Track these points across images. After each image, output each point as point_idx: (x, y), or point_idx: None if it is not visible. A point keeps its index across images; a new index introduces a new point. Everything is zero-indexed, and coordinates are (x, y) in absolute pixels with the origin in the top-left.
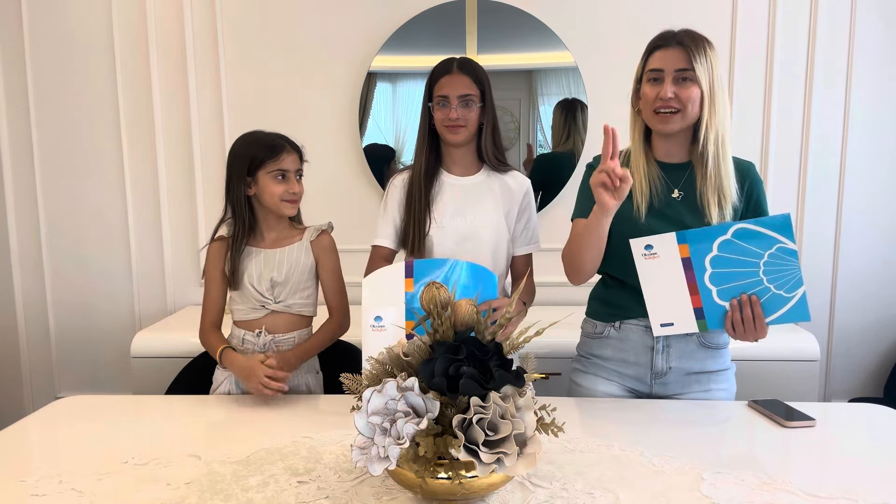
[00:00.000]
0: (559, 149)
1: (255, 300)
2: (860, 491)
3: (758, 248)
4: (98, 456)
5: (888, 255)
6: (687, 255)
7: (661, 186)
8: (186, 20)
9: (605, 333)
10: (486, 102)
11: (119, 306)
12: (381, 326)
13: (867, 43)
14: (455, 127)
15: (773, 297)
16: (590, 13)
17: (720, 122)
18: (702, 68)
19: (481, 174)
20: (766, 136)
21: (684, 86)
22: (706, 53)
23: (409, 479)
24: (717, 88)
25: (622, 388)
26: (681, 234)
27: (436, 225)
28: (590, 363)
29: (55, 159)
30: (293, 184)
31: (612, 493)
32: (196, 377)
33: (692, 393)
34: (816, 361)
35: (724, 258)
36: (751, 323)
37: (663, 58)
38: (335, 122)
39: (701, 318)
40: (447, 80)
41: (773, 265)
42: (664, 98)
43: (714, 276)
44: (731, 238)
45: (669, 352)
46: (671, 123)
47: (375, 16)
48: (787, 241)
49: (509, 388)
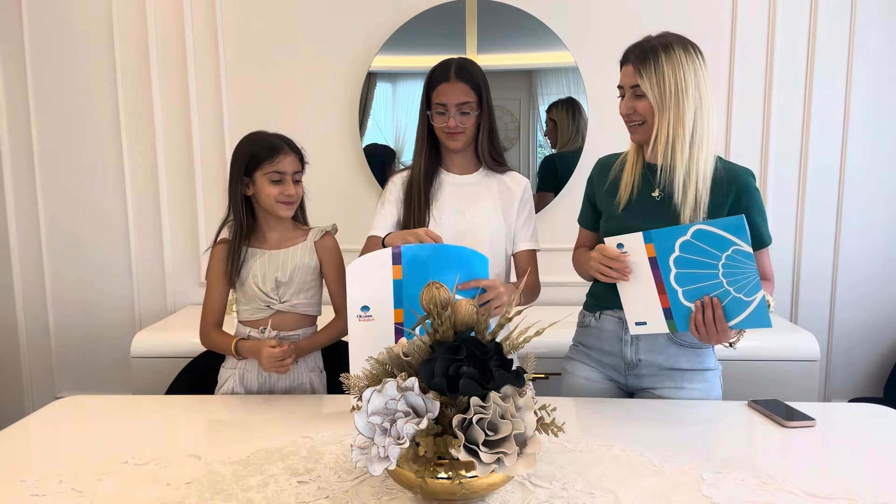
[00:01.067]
0: (568, 147)
1: (260, 300)
2: (860, 491)
3: (715, 249)
4: (98, 456)
5: (888, 256)
6: (653, 254)
7: (642, 186)
8: (186, 20)
9: (587, 323)
10: (484, 106)
11: (119, 306)
12: (369, 316)
13: (867, 43)
14: (454, 134)
15: (733, 301)
16: (590, 13)
17: (672, 129)
18: (648, 81)
19: (479, 173)
20: (766, 136)
21: (639, 100)
22: (654, 64)
23: (409, 479)
24: (668, 96)
25: (602, 376)
26: (647, 233)
27: (434, 222)
28: (577, 350)
29: (55, 159)
30: (289, 186)
31: (612, 493)
32: (196, 377)
33: (664, 388)
34: (816, 361)
35: (686, 259)
36: (712, 325)
37: (623, 75)
38: (335, 122)
39: (670, 318)
40: (445, 88)
41: (730, 267)
42: (623, 114)
43: (678, 276)
44: (690, 238)
45: (639, 344)
46: (638, 134)
47: (375, 16)
48: (742, 244)
49: (509, 388)
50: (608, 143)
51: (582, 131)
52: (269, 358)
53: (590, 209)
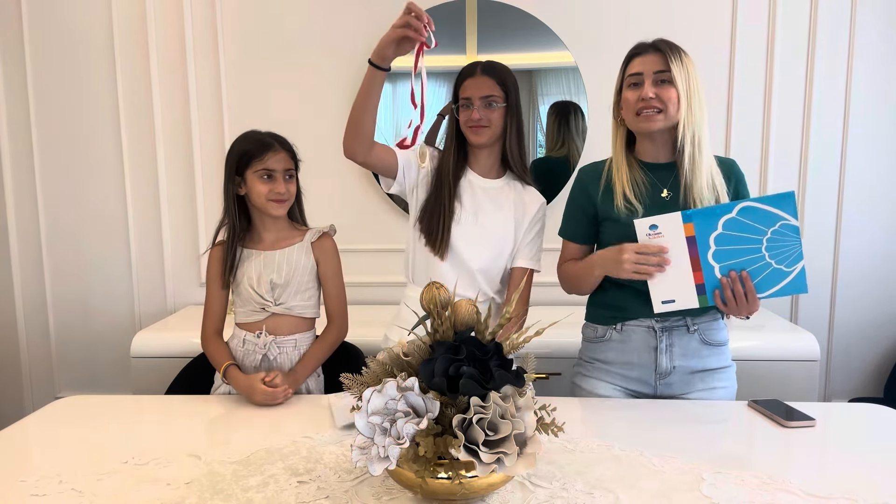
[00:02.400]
0: (553, 153)
1: (256, 302)
2: (860, 491)
3: (762, 224)
4: (98, 456)
5: (888, 255)
6: (692, 233)
7: (648, 188)
8: (186, 20)
9: (606, 336)
10: (511, 105)
11: (119, 306)
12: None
13: (867, 43)
14: (478, 128)
15: (772, 272)
16: (590, 13)
17: (697, 124)
18: (678, 70)
19: (503, 180)
20: (767, 136)
21: (663, 87)
22: (682, 59)
23: (409, 479)
24: (693, 92)
25: (624, 393)
26: (686, 213)
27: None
28: (592, 367)
29: (55, 159)
30: (279, 184)
31: (612, 493)
32: (196, 377)
33: (695, 392)
34: (816, 361)
35: (729, 236)
36: (742, 298)
37: (642, 62)
38: (335, 122)
39: (702, 293)
40: (471, 83)
41: (775, 241)
42: (646, 98)
43: (717, 253)
44: (735, 216)
45: (673, 350)
46: (655, 122)
47: (375, 16)
48: (790, 218)
49: (509, 388)
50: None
51: (568, 142)
52: (263, 395)
53: (585, 221)
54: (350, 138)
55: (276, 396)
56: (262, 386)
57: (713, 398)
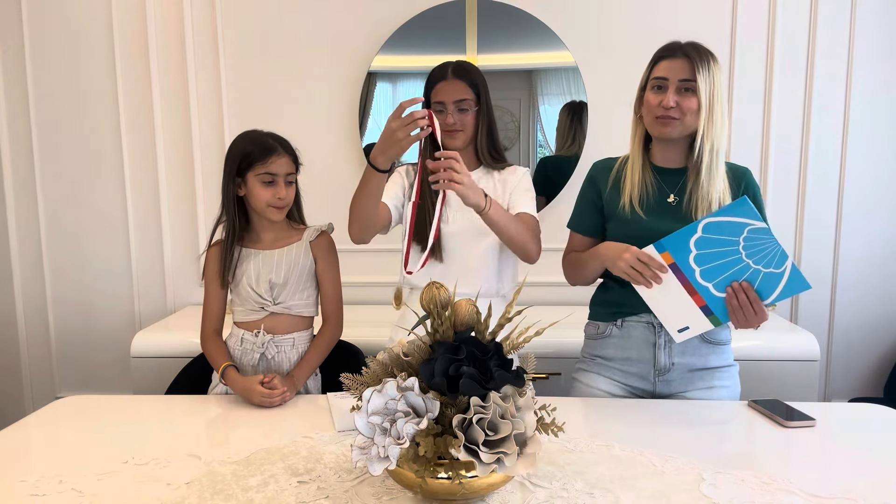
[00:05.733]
0: (563, 152)
1: (254, 302)
2: (860, 491)
3: (731, 235)
4: (98, 456)
5: (888, 256)
6: (671, 260)
7: (655, 191)
8: (186, 20)
9: (607, 332)
10: (482, 105)
11: (119, 306)
12: None
13: (867, 43)
14: (453, 132)
15: (766, 278)
16: (590, 13)
17: (716, 134)
18: (703, 80)
19: (480, 171)
20: (767, 137)
21: (686, 96)
22: (709, 67)
23: (409, 479)
24: (715, 101)
25: (624, 389)
26: (658, 244)
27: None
28: (593, 363)
29: (55, 159)
30: (281, 189)
31: (612, 493)
32: (196, 377)
33: (695, 390)
34: (816, 361)
35: (706, 254)
36: (749, 308)
37: (669, 67)
38: (335, 122)
39: (710, 314)
40: (443, 87)
41: (752, 247)
42: (666, 106)
43: (704, 272)
44: (703, 235)
45: (672, 347)
46: (672, 130)
47: (375, 16)
48: (754, 222)
49: (509, 388)
50: (609, 144)
51: (578, 140)
52: (261, 397)
53: (594, 213)
54: (357, 230)
55: (274, 399)
56: (260, 388)
57: (714, 397)
